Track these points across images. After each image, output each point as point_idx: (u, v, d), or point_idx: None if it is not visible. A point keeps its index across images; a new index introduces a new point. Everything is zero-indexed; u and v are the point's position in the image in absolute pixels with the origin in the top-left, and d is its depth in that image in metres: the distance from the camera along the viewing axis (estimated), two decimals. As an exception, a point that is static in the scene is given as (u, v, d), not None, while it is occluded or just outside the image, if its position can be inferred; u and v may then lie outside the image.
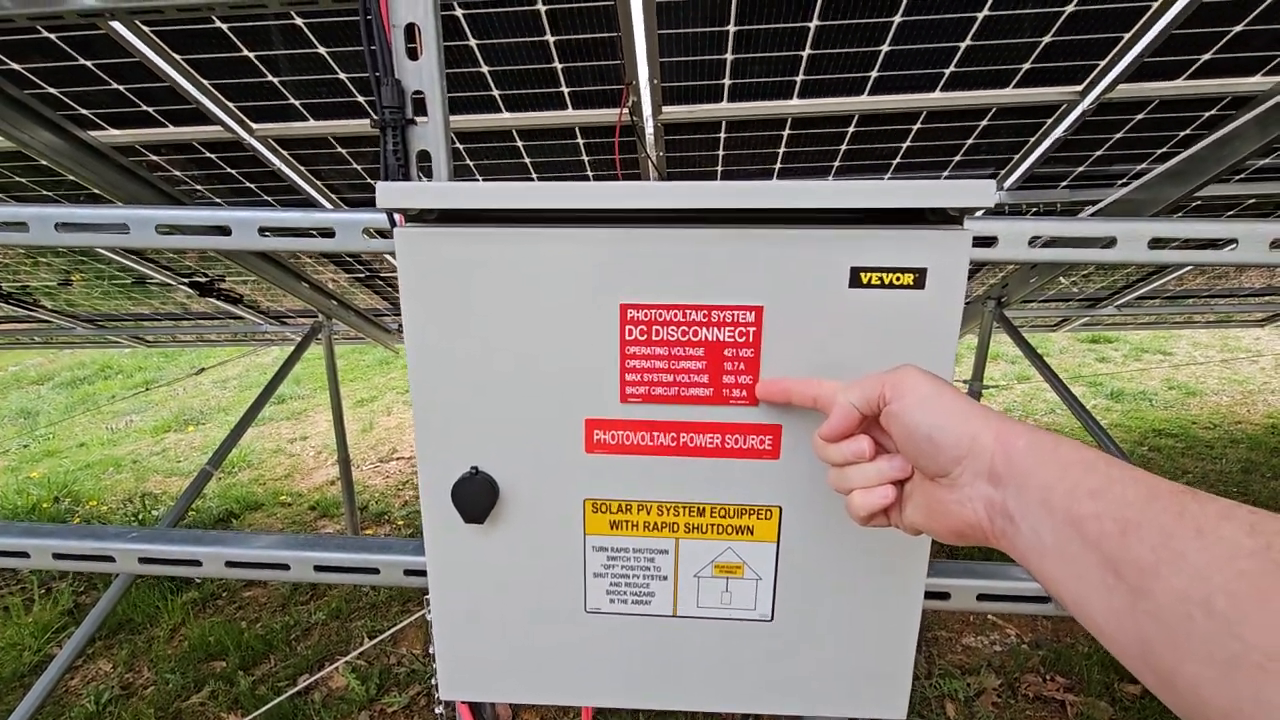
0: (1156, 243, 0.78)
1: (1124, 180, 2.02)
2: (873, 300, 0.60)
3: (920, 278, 0.59)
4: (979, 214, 0.97)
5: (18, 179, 1.96)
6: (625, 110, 1.60)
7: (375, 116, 0.79)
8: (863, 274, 0.60)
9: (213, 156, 1.84)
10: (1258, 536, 0.31)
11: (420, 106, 0.81)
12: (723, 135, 1.75)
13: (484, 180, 1.98)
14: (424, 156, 0.83)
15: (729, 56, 1.44)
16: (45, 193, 2.05)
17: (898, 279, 0.59)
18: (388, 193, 0.60)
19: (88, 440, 5.67)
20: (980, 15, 1.30)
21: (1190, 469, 4.32)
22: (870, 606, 0.70)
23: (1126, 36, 1.36)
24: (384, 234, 0.86)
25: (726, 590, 0.70)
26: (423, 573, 0.92)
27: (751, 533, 0.68)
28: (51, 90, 1.53)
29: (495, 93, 1.56)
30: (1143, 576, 0.34)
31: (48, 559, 0.97)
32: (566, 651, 0.74)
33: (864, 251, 0.59)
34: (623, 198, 0.59)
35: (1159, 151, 1.84)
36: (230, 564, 0.96)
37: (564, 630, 0.73)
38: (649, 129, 1.72)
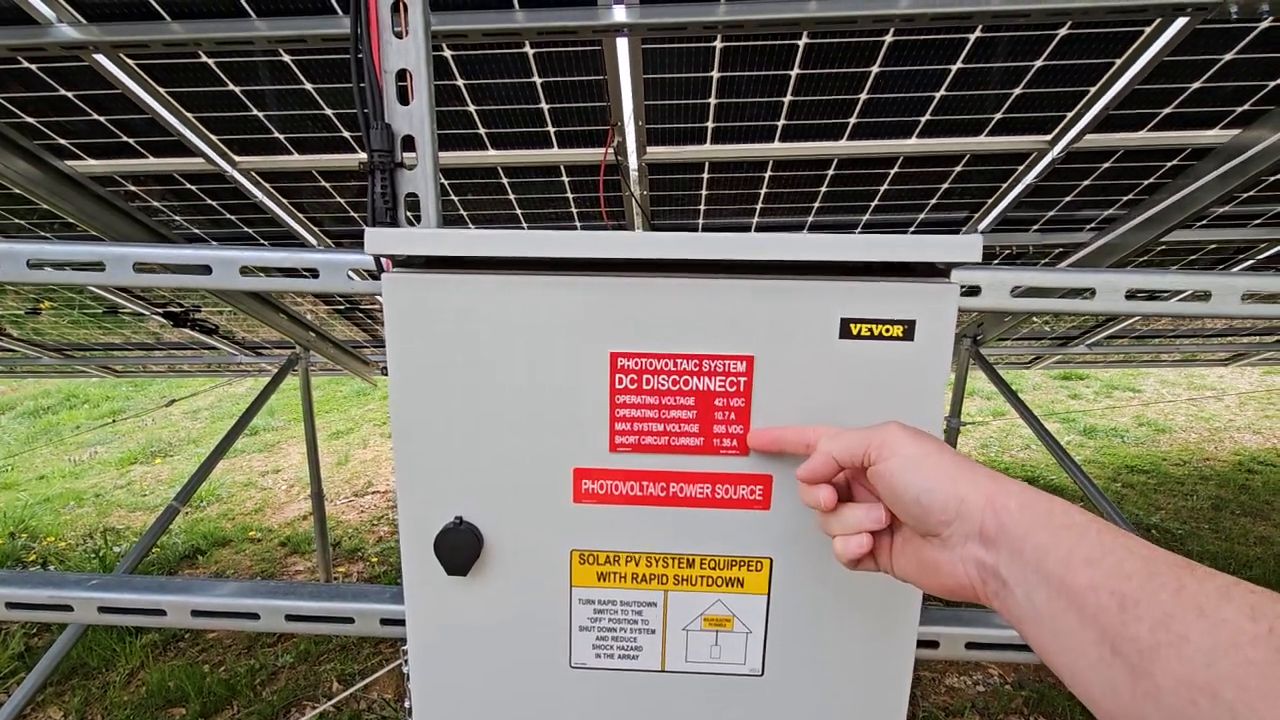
0: (1133, 294, 0.80)
1: (1093, 225, 2.08)
2: (862, 351, 0.60)
3: (909, 329, 0.59)
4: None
5: (-11, 207, 1.92)
6: (610, 150, 1.62)
7: (365, 158, 0.79)
8: (853, 325, 0.60)
9: (194, 188, 1.82)
10: (1259, 621, 0.30)
11: (409, 147, 0.81)
12: (706, 176, 1.77)
13: (468, 215, 1.98)
14: (412, 199, 0.83)
15: (712, 101, 1.47)
16: (18, 221, 2.01)
17: (887, 330, 0.60)
18: (376, 238, 0.59)
19: (48, 473, 5.46)
20: (954, 67, 1.35)
21: (1163, 505, 4.39)
22: (862, 660, 0.69)
23: (1092, 90, 1.42)
24: (372, 275, 0.84)
25: (716, 644, 0.68)
26: (400, 622, 0.89)
27: (742, 584, 0.67)
28: (29, 120, 1.51)
29: (481, 131, 1.57)
30: (1142, 657, 0.33)
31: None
32: (550, 709, 0.71)
33: (854, 303, 0.60)
34: (613, 247, 0.59)
35: (1125, 198, 1.90)
36: (196, 613, 0.91)
37: (548, 686, 0.71)
38: (633, 169, 1.74)
